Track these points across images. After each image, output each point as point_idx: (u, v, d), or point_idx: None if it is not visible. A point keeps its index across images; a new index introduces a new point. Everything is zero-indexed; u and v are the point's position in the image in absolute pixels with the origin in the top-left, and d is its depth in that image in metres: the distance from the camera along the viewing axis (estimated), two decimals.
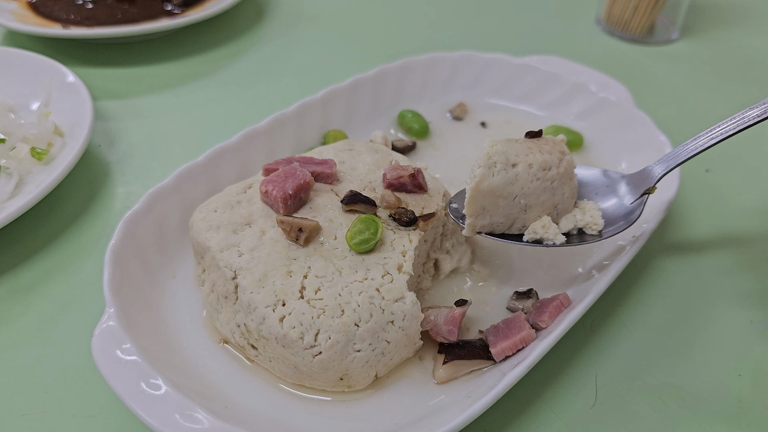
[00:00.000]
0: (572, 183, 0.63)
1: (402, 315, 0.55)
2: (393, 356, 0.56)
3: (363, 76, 0.88)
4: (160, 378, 0.50)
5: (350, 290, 0.54)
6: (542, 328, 0.59)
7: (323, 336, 0.52)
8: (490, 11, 1.28)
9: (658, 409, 0.58)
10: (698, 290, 0.69)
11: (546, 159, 0.61)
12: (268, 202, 0.61)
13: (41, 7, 1.12)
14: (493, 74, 0.94)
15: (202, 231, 0.60)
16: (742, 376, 0.61)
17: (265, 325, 0.53)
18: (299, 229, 0.57)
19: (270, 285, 0.55)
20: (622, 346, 0.63)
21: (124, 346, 0.52)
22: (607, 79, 0.91)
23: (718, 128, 0.61)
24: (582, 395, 0.59)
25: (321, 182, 0.63)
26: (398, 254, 0.58)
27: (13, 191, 0.75)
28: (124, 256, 0.61)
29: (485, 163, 0.60)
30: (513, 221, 0.62)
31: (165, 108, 0.98)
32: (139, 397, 0.49)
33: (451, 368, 0.57)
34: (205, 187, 0.71)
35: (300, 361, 0.53)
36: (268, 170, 0.63)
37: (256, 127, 0.77)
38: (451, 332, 0.58)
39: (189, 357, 0.58)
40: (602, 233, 0.63)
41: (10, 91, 0.92)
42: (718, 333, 0.65)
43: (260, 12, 1.26)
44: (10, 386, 0.59)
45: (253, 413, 0.54)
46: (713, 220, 0.78)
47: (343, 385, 0.56)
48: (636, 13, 1.13)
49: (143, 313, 0.60)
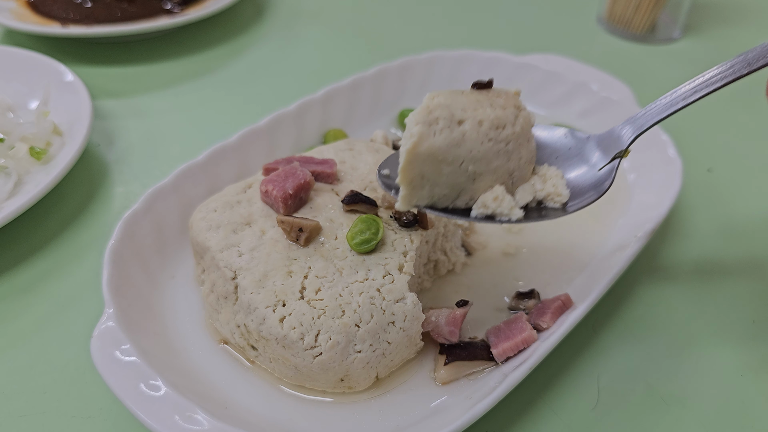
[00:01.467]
0: (530, 145, 0.53)
1: (403, 316, 0.54)
2: (394, 357, 0.56)
3: (363, 75, 0.87)
4: (159, 379, 0.50)
5: (351, 291, 0.54)
6: (544, 329, 0.59)
7: (324, 337, 0.52)
8: (491, 10, 1.28)
9: (660, 410, 0.58)
10: (700, 290, 0.69)
11: (499, 115, 0.50)
12: (268, 201, 0.61)
13: (40, 6, 1.12)
14: (493, 73, 0.93)
15: (201, 231, 0.60)
16: (744, 376, 0.61)
17: (265, 326, 0.53)
18: (299, 229, 0.57)
19: (270, 285, 0.54)
20: (624, 347, 0.63)
21: (123, 347, 0.52)
22: (608, 78, 0.91)
23: (689, 85, 0.54)
24: (583, 396, 0.59)
25: (321, 182, 0.63)
26: (399, 254, 0.57)
27: (12, 191, 0.75)
28: (123, 257, 0.61)
29: (424, 120, 0.48)
30: (459, 192, 0.51)
31: (164, 107, 0.98)
32: (139, 399, 0.48)
33: (452, 369, 0.57)
34: (204, 187, 0.71)
35: (300, 362, 0.53)
36: (268, 170, 0.63)
37: (256, 127, 0.76)
38: (453, 333, 0.58)
39: (188, 358, 0.58)
40: (567, 206, 0.53)
41: (9, 90, 0.92)
42: (720, 333, 0.65)
43: (259, 10, 1.25)
44: (9, 387, 0.59)
45: (253, 414, 0.54)
46: (715, 220, 0.78)
47: (343, 386, 0.55)
48: (638, 11, 1.12)
49: (142, 313, 0.59)
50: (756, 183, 0.84)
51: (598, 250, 0.69)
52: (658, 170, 0.75)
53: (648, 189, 0.75)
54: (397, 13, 1.27)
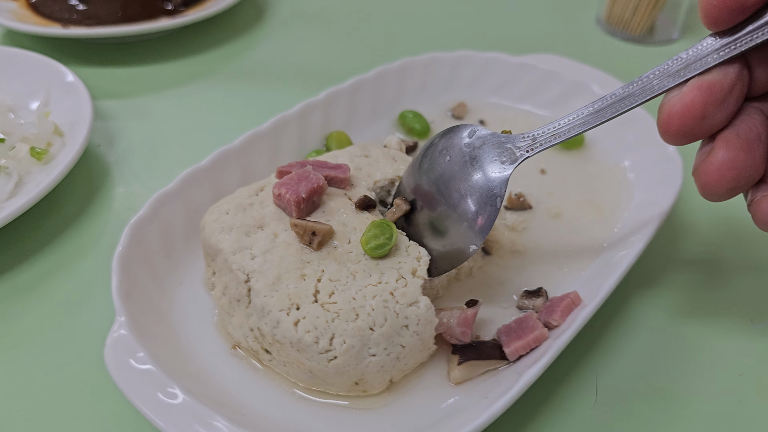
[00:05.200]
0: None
1: (416, 319, 0.54)
2: (408, 361, 0.56)
3: (363, 77, 0.87)
4: (176, 386, 0.49)
5: (364, 294, 0.54)
6: (554, 326, 0.59)
7: (338, 340, 0.52)
8: (490, 13, 1.28)
9: (659, 410, 0.58)
10: (699, 290, 0.70)
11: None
12: (280, 205, 0.60)
13: (41, 7, 1.11)
14: (492, 73, 0.94)
15: (214, 233, 0.60)
16: (742, 376, 0.61)
17: (279, 329, 0.53)
18: (313, 232, 0.57)
19: (284, 288, 0.54)
20: (623, 347, 0.63)
21: (138, 355, 0.51)
22: (605, 77, 0.92)
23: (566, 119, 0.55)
24: (582, 395, 0.59)
25: (334, 186, 0.63)
26: (413, 259, 0.58)
27: (13, 191, 0.75)
28: (131, 263, 0.61)
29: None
30: None
31: (165, 108, 0.98)
32: (158, 408, 0.48)
33: (466, 369, 0.57)
34: (209, 191, 0.71)
35: (315, 366, 0.53)
36: (282, 173, 0.62)
37: (259, 130, 0.76)
38: (465, 333, 0.58)
39: (201, 364, 0.57)
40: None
41: (10, 91, 0.92)
42: (719, 333, 0.65)
43: (260, 12, 1.25)
44: (10, 388, 0.59)
45: (270, 420, 0.53)
46: (713, 219, 0.79)
47: (358, 389, 0.55)
48: (636, 13, 1.13)
49: (153, 320, 0.59)
50: None
51: (602, 248, 0.70)
52: (659, 168, 0.76)
53: (649, 187, 0.76)
54: (397, 13, 1.27)
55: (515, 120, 0.91)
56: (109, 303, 0.64)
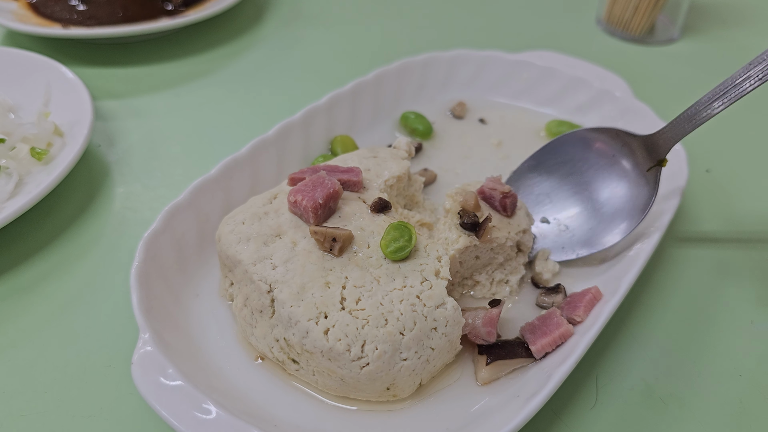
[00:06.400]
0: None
1: (444, 321, 0.54)
2: (436, 363, 0.56)
3: (363, 79, 0.87)
4: (210, 402, 0.49)
5: (391, 299, 0.54)
6: (578, 322, 0.60)
7: (370, 347, 0.52)
8: (490, 12, 1.28)
9: (659, 410, 0.58)
10: (699, 291, 0.70)
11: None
12: (296, 212, 0.60)
13: (41, 8, 1.10)
14: (489, 71, 0.94)
15: (231, 244, 0.59)
16: (742, 376, 0.61)
17: (309, 339, 0.52)
18: (333, 239, 0.56)
19: (309, 297, 0.54)
20: (623, 347, 0.63)
21: (168, 372, 0.50)
22: (603, 72, 0.93)
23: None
24: (582, 396, 0.59)
25: (347, 190, 0.63)
26: (434, 260, 0.57)
27: (13, 191, 0.74)
28: (148, 278, 0.59)
29: None
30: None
31: (165, 108, 0.97)
32: (194, 425, 0.47)
33: (494, 369, 0.57)
34: (219, 201, 0.70)
35: (347, 374, 0.52)
36: (294, 179, 0.62)
37: (265, 137, 0.75)
38: (490, 333, 0.58)
39: (227, 377, 0.57)
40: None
41: (10, 91, 0.91)
42: (719, 333, 0.65)
43: (260, 12, 1.24)
44: (10, 386, 0.59)
45: (302, 429, 0.53)
46: (714, 220, 0.79)
47: (389, 394, 0.55)
48: (636, 13, 1.13)
49: (174, 334, 0.58)
50: (754, 183, 0.85)
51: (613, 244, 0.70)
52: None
53: None
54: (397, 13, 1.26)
55: (515, 117, 0.91)
56: (109, 303, 0.63)
